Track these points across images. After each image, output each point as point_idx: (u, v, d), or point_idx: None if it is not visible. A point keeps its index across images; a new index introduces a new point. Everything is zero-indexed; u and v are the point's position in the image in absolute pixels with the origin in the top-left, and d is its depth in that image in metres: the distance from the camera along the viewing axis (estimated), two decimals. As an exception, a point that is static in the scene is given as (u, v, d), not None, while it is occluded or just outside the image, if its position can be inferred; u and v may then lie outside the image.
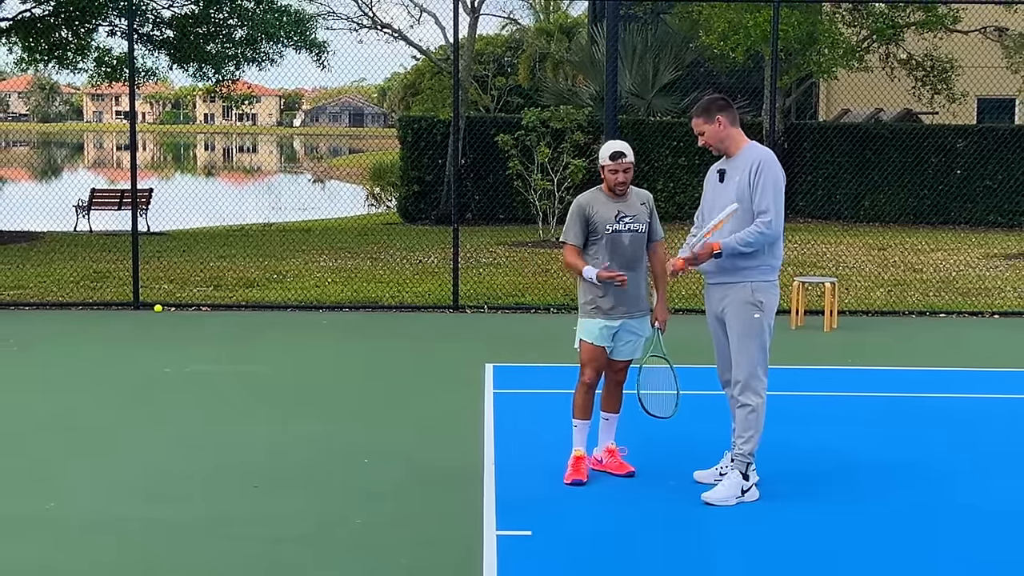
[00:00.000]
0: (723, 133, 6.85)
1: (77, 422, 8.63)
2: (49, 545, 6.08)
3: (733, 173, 6.84)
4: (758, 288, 6.72)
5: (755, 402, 6.71)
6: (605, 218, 7.00)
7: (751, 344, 6.71)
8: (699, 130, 6.91)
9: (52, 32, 23.07)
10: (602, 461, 7.28)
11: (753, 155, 6.80)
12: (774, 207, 6.66)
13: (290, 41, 23.21)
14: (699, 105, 6.96)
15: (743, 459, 6.72)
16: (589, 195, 7.15)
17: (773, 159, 6.81)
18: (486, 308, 14.04)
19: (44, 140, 78.56)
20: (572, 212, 7.12)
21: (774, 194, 6.68)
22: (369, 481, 7.17)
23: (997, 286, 16.24)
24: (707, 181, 7.09)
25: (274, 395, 9.59)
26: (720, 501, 6.64)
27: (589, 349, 7.10)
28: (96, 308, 13.95)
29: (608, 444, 7.27)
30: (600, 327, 7.04)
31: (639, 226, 7.08)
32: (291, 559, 5.88)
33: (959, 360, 11.45)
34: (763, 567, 5.84)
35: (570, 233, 7.09)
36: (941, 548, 6.10)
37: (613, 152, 7.02)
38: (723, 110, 6.84)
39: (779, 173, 6.77)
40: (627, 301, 7.04)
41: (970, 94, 26.02)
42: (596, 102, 25.26)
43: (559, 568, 5.78)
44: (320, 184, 47.23)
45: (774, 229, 6.65)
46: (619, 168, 6.98)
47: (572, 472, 7.04)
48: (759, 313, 6.70)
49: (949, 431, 8.54)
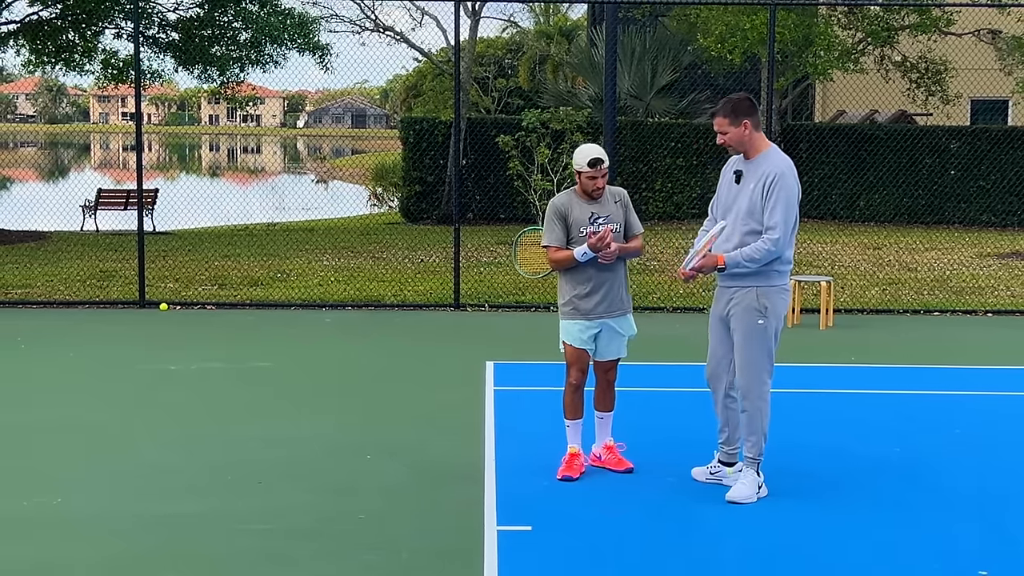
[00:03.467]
0: (746, 136, 6.73)
1: (83, 419, 8.65)
2: (56, 541, 6.10)
3: (749, 178, 6.73)
4: (764, 293, 6.68)
5: (757, 406, 6.71)
6: (579, 220, 6.97)
7: (754, 349, 6.70)
8: (722, 129, 6.75)
9: (59, 35, 23.14)
10: (601, 458, 7.26)
11: (771, 165, 6.68)
12: (783, 224, 6.57)
13: (293, 43, 23.26)
14: (725, 104, 6.78)
15: (753, 459, 6.75)
16: (565, 197, 7.09)
17: (791, 172, 6.70)
18: (487, 307, 14.10)
19: (51, 141, 78.50)
20: (550, 215, 7.07)
21: (785, 210, 6.59)
22: (371, 477, 7.20)
23: (990, 285, 16.32)
24: (723, 176, 6.98)
25: (278, 392, 9.61)
26: (744, 499, 6.65)
27: (572, 351, 7.09)
28: (103, 307, 14.00)
29: (606, 441, 7.26)
30: (579, 328, 7.02)
31: (613, 225, 7.00)
32: (294, 554, 5.91)
33: (953, 358, 11.52)
34: (761, 561, 5.87)
35: (552, 236, 7.04)
36: (933, 541, 6.16)
37: (592, 159, 6.92)
38: (750, 114, 6.72)
39: (794, 187, 6.67)
40: (607, 301, 7.01)
41: (964, 96, 26.08)
42: (595, 103, 25.38)
43: (559, 562, 5.81)
44: (323, 184, 47.09)
45: (780, 247, 6.59)
46: (597, 175, 6.91)
47: (564, 468, 7.05)
48: (763, 319, 6.67)
49: (943, 427, 8.58)
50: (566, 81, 34.22)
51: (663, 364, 10.55)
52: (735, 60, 22.36)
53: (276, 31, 22.77)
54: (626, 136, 24.48)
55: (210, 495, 6.87)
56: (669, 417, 8.69)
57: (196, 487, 7.02)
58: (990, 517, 6.55)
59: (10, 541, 6.13)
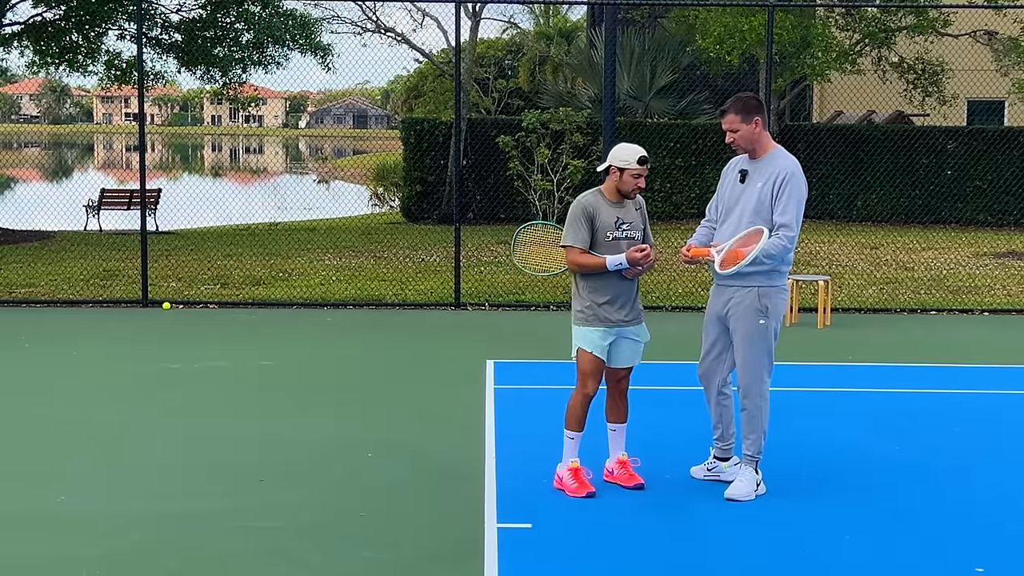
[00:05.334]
0: (756, 135, 6.67)
1: (87, 417, 8.69)
2: (61, 538, 6.13)
3: (756, 178, 6.66)
4: (765, 293, 6.63)
5: (757, 405, 6.69)
6: (606, 224, 6.70)
7: (756, 349, 6.66)
8: (732, 127, 6.66)
9: (63, 36, 23.22)
10: (612, 472, 7.01)
11: (780, 165, 6.64)
12: (796, 222, 6.55)
13: (296, 44, 23.32)
14: (736, 102, 6.71)
15: (752, 457, 6.74)
16: (592, 197, 6.76)
17: (799, 171, 6.65)
18: (487, 305, 14.17)
19: (55, 141, 78.48)
20: (576, 214, 6.71)
21: (797, 208, 6.57)
22: (372, 474, 7.24)
23: (986, 284, 16.39)
24: (724, 175, 6.90)
25: (280, 391, 9.65)
26: (743, 497, 6.64)
27: (590, 359, 6.75)
28: (106, 306, 14.07)
29: (619, 455, 7.00)
30: (599, 334, 6.74)
31: (636, 233, 6.79)
32: (295, 550, 5.94)
33: (950, 356, 11.59)
34: (760, 557, 5.91)
35: (578, 237, 6.70)
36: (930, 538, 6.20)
37: (641, 157, 6.63)
38: (760, 112, 6.66)
39: (804, 186, 6.65)
40: (626, 309, 6.80)
41: (960, 96, 26.10)
42: (595, 104, 25.50)
43: (558, 560, 5.83)
44: (325, 184, 47.13)
45: (794, 244, 6.58)
46: (644, 173, 6.63)
47: (580, 486, 6.73)
48: (764, 319, 6.62)
49: (940, 425, 8.64)
50: (566, 82, 34.30)
51: (663, 363, 10.58)
52: (733, 61, 22.44)
53: (278, 32, 22.83)
54: (625, 137, 24.45)
55: (212, 493, 6.90)
56: (668, 415, 8.72)
57: (198, 485, 7.07)
58: (987, 514, 6.58)
59: (14, 538, 6.17)
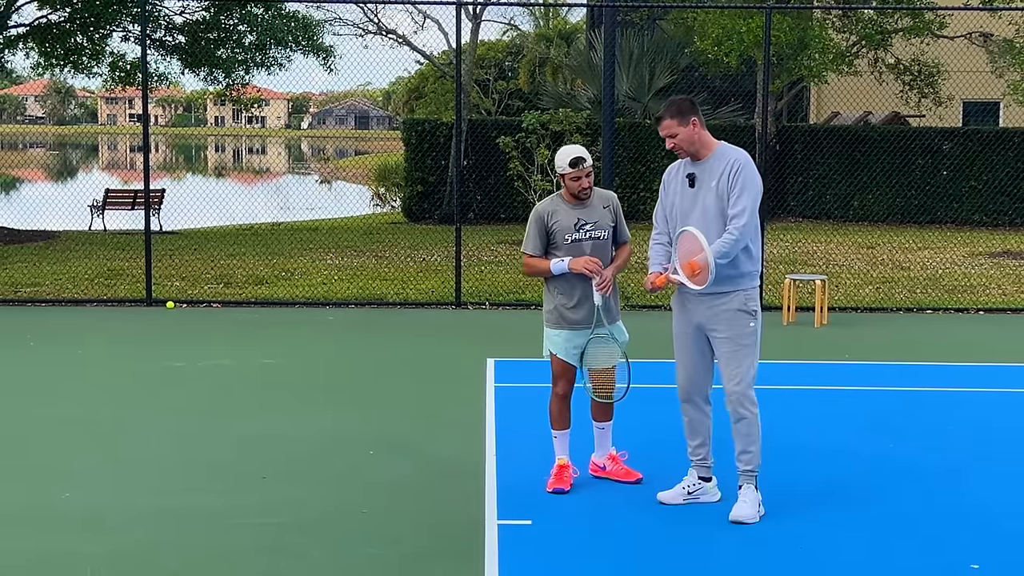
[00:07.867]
0: (696, 135, 6.34)
1: (92, 415, 8.75)
2: (65, 534, 6.17)
3: (707, 178, 6.34)
4: (751, 296, 6.39)
5: (753, 412, 6.41)
6: (564, 227, 6.64)
7: (748, 355, 6.39)
8: (671, 132, 6.34)
9: (67, 38, 23.32)
10: (605, 468, 7.02)
11: (730, 156, 6.33)
12: (750, 211, 6.21)
13: (298, 46, 23.46)
14: (669, 107, 6.39)
15: (751, 472, 6.46)
16: (549, 202, 6.73)
17: (750, 160, 6.36)
18: (488, 305, 14.24)
19: (60, 142, 78.54)
20: (531, 221, 6.73)
21: (751, 197, 6.23)
22: (374, 471, 7.29)
23: (982, 283, 16.46)
24: (667, 184, 6.55)
25: (282, 389, 9.70)
26: (749, 519, 6.35)
27: (559, 362, 6.77)
28: (110, 305, 14.14)
29: (609, 451, 7.03)
30: (564, 337, 6.70)
31: (601, 232, 6.68)
32: (297, 547, 5.97)
33: (945, 355, 11.63)
34: (756, 555, 5.93)
35: (529, 243, 6.72)
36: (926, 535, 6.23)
37: (572, 159, 6.59)
38: (695, 112, 6.36)
39: (757, 176, 6.33)
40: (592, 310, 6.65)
41: (956, 97, 26.16)
42: (594, 105, 25.59)
43: (558, 556, 5.86)
44: (327, 185, 47.22)
45: (746, 234, 6.22)
46: (581, 174, 6.55)
47: (555, 481, 6.80)
48: (754, 322, 6.39)
49: (936, 423, 8.68)
50: (565, 83, 34.37)
51: (663, 362, 10.59)
52: (731, 63, 22.52)
53: (281, 34, 22.96)
54: (624, 137, 24.68)
55: (214, 490, 6.95)
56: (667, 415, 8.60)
57: (201, 482, 7.12)
58: (983, 512, 6.60)
59: (19, 534, 6.22)
